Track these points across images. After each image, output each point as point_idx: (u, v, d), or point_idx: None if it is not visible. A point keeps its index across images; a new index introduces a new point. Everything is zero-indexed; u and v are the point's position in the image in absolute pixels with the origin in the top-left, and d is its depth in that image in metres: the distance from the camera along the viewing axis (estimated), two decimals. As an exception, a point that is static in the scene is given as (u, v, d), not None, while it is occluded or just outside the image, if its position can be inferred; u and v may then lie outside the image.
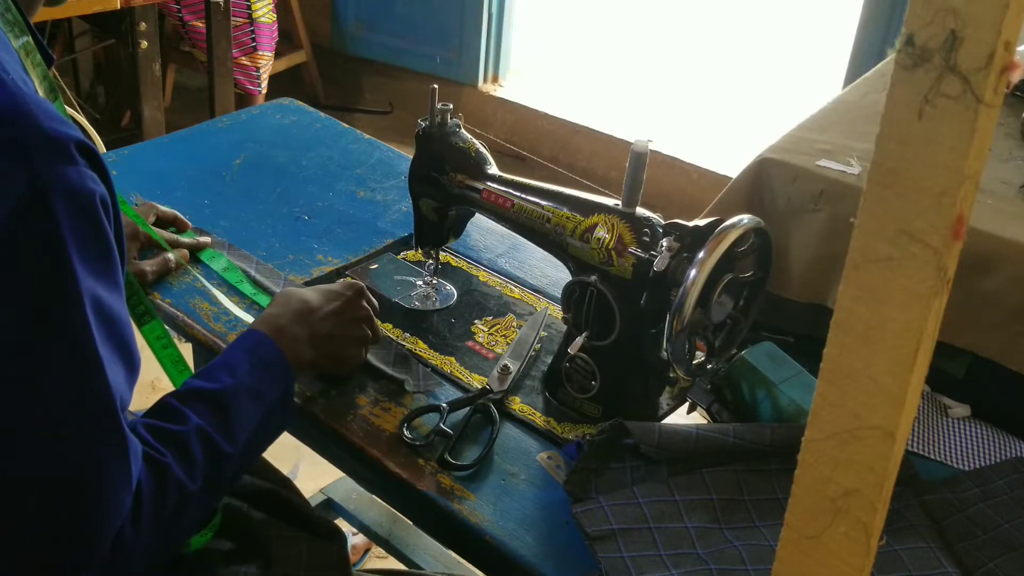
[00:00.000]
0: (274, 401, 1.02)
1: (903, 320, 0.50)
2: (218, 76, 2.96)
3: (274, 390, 1.02)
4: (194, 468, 0.91)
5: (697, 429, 1.08)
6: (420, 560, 1.77)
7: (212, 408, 0.96)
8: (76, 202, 0.79)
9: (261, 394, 1.00)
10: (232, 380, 0.99)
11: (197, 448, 0.92)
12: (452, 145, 1.25)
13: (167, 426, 0.92)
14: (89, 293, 0.80)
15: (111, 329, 0.83)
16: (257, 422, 0.99)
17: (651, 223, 1.10)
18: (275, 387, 1.02)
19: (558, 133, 3.65)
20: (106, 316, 0.83)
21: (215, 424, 0.95)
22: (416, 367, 1.21)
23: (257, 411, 0.99)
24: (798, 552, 0.59)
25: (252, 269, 1.35)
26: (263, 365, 1.03)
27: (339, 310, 1.14)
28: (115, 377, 0.83)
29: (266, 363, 1.03)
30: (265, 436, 1.03)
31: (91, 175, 0.80)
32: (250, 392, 0.99)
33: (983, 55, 0.45)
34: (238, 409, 0.97)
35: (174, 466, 0.89)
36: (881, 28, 2.93)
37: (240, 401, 0.98)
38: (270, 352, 1.04)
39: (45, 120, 0.78)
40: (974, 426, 1.24)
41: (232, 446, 0.95)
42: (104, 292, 0.82)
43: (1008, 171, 1.65)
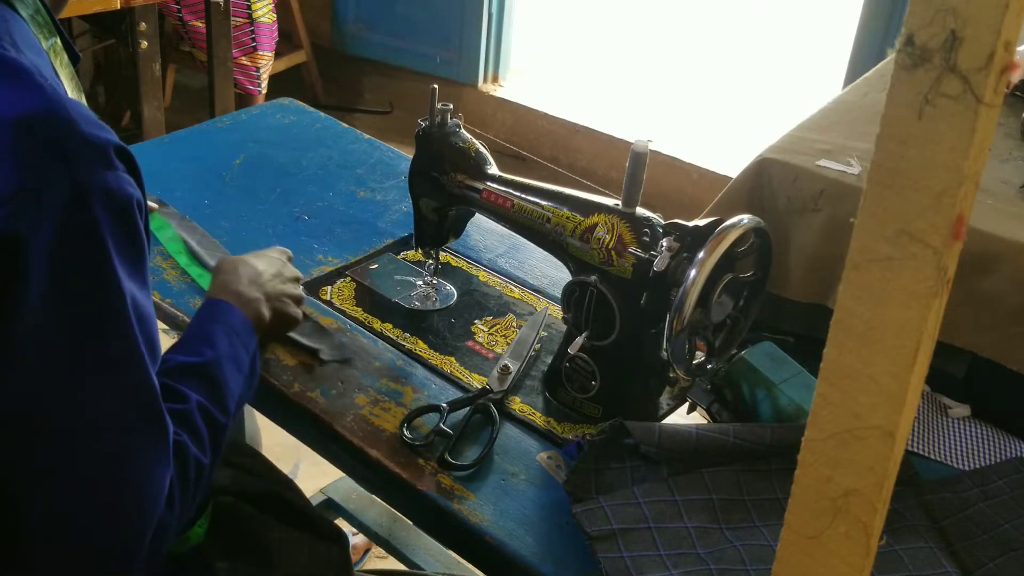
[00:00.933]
0: (248, 365, 1.06)
1: (903, 320, 0.50)
2: (218, 76, 2.96)
3: (246, 355, 1.06)
4: (203, 443, 0.94)
5: (697, 429, 1.08)
6: (420, 560, 1.77)
7: (203, 382, 0.98)
8: (116, 206, 0.81)
9: (239, 360, 1.04)
10: (212, 352, 1.02)
11: (201, 423, 0.95)
12: (452, 145, 1.25)
13: (173, 406, 0.94)
14: (129, 294, 0.83)
15: (143, 326, 0.86)
16: (240, 389, 1.03)
17: (651, 223, 1.10)
18: (247, 352, 1.06)
19: (558, 133, 3.65)
20: (140, 314, 0.85)
21: (210, 397, 0.97)
22: (331, 336, 1.25)
23: (238, 379, 1.03)
24: (798, 552, 0.59)
25: (195, 241, 1.37)
26: (234, 332, 1.06)
27: (279, 271, 1.21)
28: (151, 370, 0.86)
29: (236, 330, 1.07)
30: (245, 400, 1.07)
31: (128, 179, 0.82)
32: (230, 360, 1.03)
33: (983, 55, 0.45)
34: (224, 379, 1.00)
35: (190, 444, 0.92)
36: (881, 28, 2.92)
37: (224, 371, 1.01)
38: (237, 319, 1.09)
39: (84, 125, 0.79)
40: (974, 426, 1.24)
41: (226, 416, 0.98)
42: (138, 291, 0.85)
43: (1008, 171, 1.65)
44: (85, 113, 0.81)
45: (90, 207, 0.78)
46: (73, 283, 0.79)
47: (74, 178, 0.77)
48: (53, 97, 0.79)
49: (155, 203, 1.42)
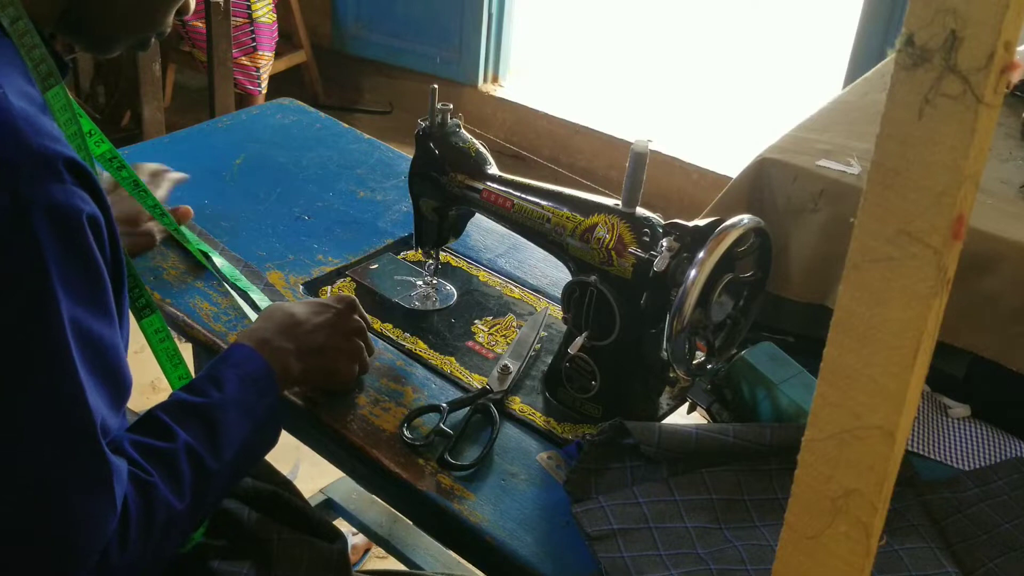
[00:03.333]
0: (261, 416, 1.00)
1: (903, 320, 0.50)
2: (218, 76, 2.96)
3: (261, 404, 1.00)
4: (181, 486, 0.89)
5: (697, 429, 1.08)
6: (420, 560, 1.77)
7: (199, 423, 0.94)
8: (60, 220, 0.76)
9: (249, 408, 0.98)
10: (219, 394, 0.97)
11: (185, 465, 0.90)
12: (452, 145, 1.25)
13: (155, 443, 0.90)
14: (70, 316, 0.78)
15: (96, 354, 0.82)
16: (244, 437, 0.97)
17: (651, 223, 1.10)
18: (262, 401, 1.00)
19: (558, 133, 3.65)
20: (90, 340, 0.81)
21: (203, 440, 0.92)
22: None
23: (244, 426, 0.97)
24: (798, 552, 0.59)
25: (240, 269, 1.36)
26: (250, 379, 1.00)
27: (328, 322, 1.12)
28: (97, 402, 0.82)
29: (253, 377, 1.01)
30: (253, 451, 1.01)
31: (80, 194, 0.78)
32: (237, 406, 0.97)
33: (983, 55, 0.45)
34: (225, 424, 0.95)
35: (161, 485, 0.87)
36: (881, 28, 2.93)
37: (227, 416, 0.96)
38: (257, 365, 1.02)
39: (33, 136, 0.76)
40: (974, 426, 1.24)
41: (218, 462, 0.93)
42: (88, 316, 0.81)
43: (1008, 171, 1.65)
44: (37, 124, 0.78)
45: (31, 222, 0.74)
46: (2, 302, 0.75)
47: (17, 188, 0.74)
48: (3, 107, 0.76)
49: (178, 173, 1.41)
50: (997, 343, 1.45)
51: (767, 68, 4.23)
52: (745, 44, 4.43)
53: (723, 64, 4.24)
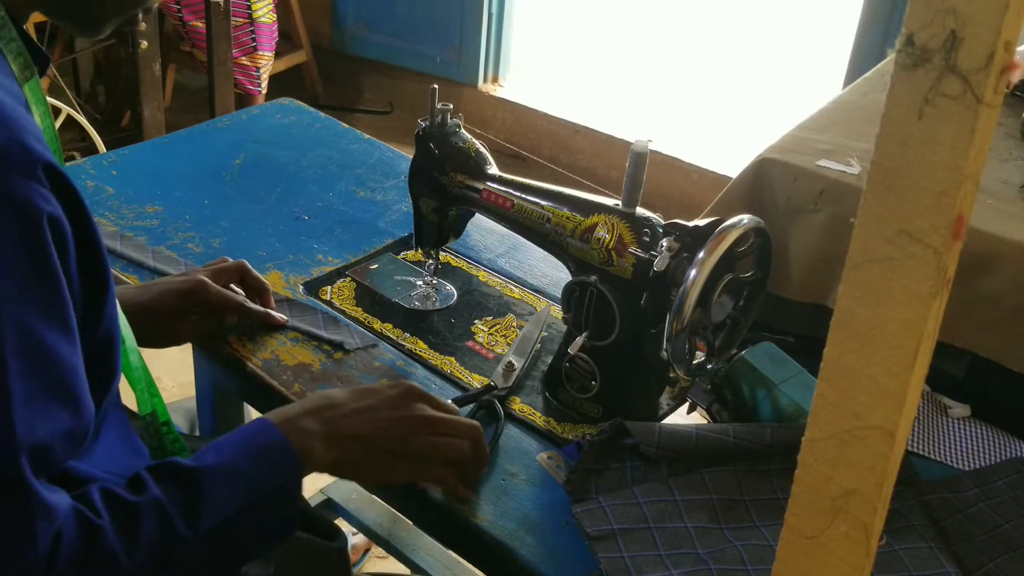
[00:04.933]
0: (265, 494, 0.89)
1: (903, 320, 0.50)
2: (218, 76, 2.96)
3: (269, 480, 0.89)
4: (136, 542, 0.81)
5: (697, 429, 1.08)
6: (420, 560, 1.77)
7: (179, 484, 0.85)
8: (16, 217, 0.73)
9: (248, 480, 0.88)
10: (215, 460, 0.88)
11: (147, 521, 0.82)
12: (452, 145, 1.25)
13: (121, 493, 0.84)
14: (15, 318, 0.73)
15: (43, 366, 0.76)
16: (235, 509, 0.86)
17: (651, 223, 1.10)
18: (271, 477, 0.90)
19: (558, 133, 3.65)
20: (37, 350, 0.75)
21: (177, 501, 0.84)
22: (347, 326, 1.24)
23: (237, 497, 0.87)
24: (798, 552, 0.59)
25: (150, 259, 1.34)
26: (258, 450, 0.91)
27: (371, 407, 0.97)
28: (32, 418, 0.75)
29: (262, 448, 0.91)
30: (250, 531, 0.89)
31: (44, 194, 0.75)
32: (233, 475, 0.88)
33: (983, 55, 0.45)
34: (211, 490, 0.85)
35: (109, 532, 0.80)
36: (881, 28, 2.93)
37: (216, 482, 0.86)
38: (270, 437, 0.92)
39: (15, 131, 0.74)
40: (974, 426, 1.24)
41: (192, 530, 0.83)
42: (40, 324, 0.75)
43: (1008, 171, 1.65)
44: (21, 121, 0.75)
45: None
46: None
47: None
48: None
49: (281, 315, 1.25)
50: (997, 343, 1.45)
51: (767, 68, 4.23)
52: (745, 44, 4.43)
53: (723, 64, 4.24)
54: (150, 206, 1.47)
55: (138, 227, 1.42)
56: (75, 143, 3.19)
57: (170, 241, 1.40)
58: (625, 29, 4.55)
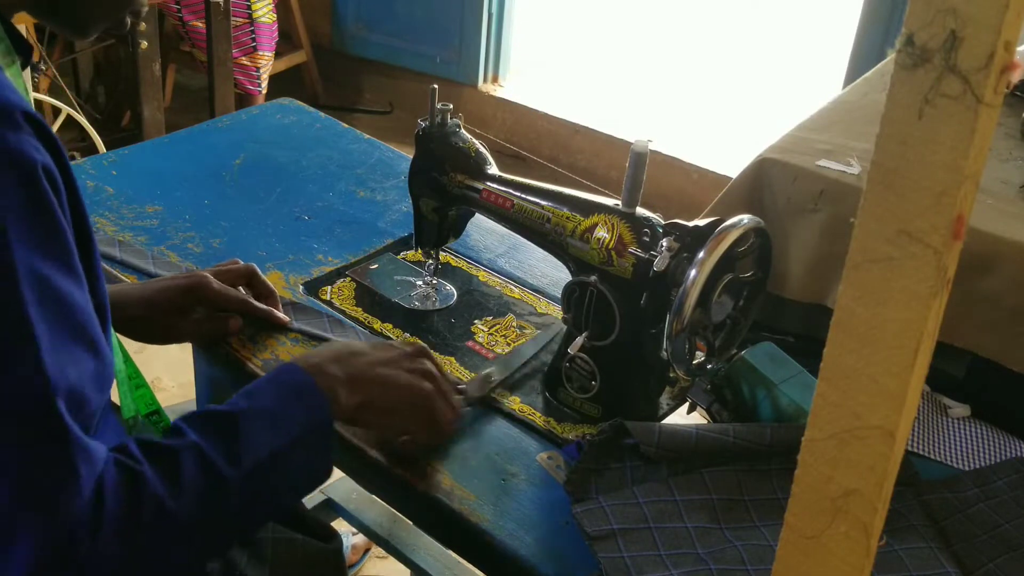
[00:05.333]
0: (301, 432, 0.90)
1: (903, 320, 0.50)
2: (218, 76, 2.96)
3: (305, 420, 0.91)
4: (179, 484, 0.81)
5: (697, 429, 1.08)
6: (420, 560, 1.77)
7: (216, 427, 0.86)
8: (13, 167, 0.74)
9: (282, 420, 0.90)
10: (247, 404, 0.90)
11: (187, 464, 0.82)
12: (452, 145, 1.25)
13: (158, 440, 0.84)
14: (27, 265, 0.73)
15: (61, 312, 0.76)
16: (273, 449, 0.87)
17: (651, 223, 1.10)
18: (307, 417, 0.91)
19: (558, 133, 3.65)
20: (54, 297, 0.75)
21: (216, 443, 0.85)
22: (352, 328, 1.24)
23: (274, 438, 0.88)
24: (798, 552, 0.59)
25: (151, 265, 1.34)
26: (288, 390, 0.92)
27: (391, 360, 1.02)
28: (62, 364, 0.76)
29: (293, 389, 0.93)
30: (290, 470, 0.90)
31: (34, 143, 0.76)
32: (267, 416, 0.89)
33: (983, 55, 0.45)
34: (248, 431, 0.87)
35: (150, 476, 0.80)
36: (881, 28, 2.93)
37: (252, 424, 0.87)
38: (298, 379, 0.94)
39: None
40: (974, 426, 1.24)
41: (234, 469, 0.84)
42: (52, 271, 0.76)
43: (1008, 171, 1.65)
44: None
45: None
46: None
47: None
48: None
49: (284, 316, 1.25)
50: (997, 343, 1.45)
51: (767, 68, 4.23)
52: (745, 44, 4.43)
53: (723, 64, 4.24)
54: (150, 206, 1.47)
55: (138, 227, 1.42)
56: (75, 143, 3.19)
57: (170, 241, 1.40)
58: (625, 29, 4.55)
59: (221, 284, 1.19)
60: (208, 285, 1.17)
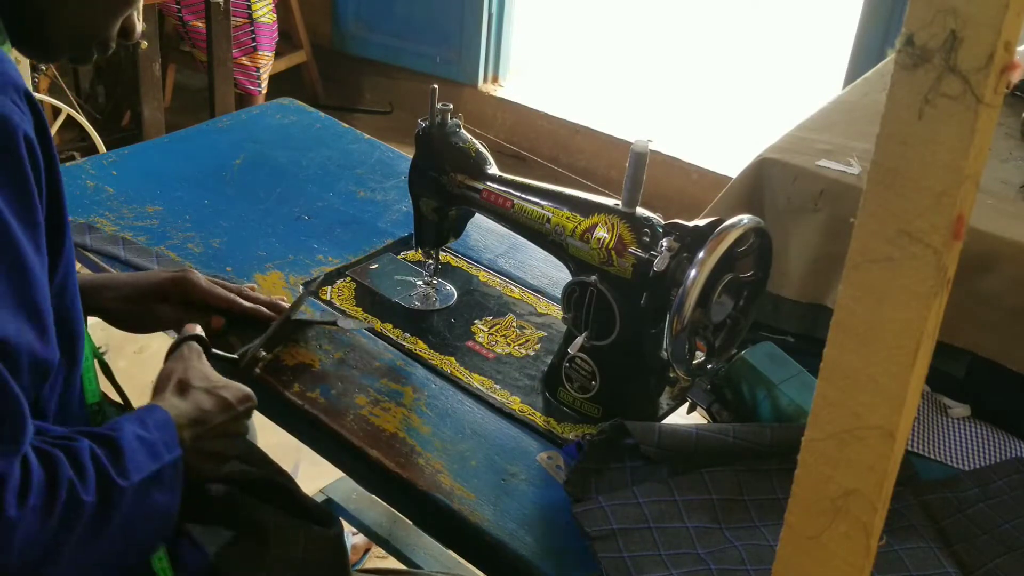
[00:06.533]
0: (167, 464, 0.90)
1: (903, 320, 0.50)
2: (218, 76, 2.96)
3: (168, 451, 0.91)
4: (86, 477, 0.81)
5: (697, 429, 1.08)
6: (420, 560, 1.77)
7: (101, 441, 0.86)
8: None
9: (154, 448, 0.89)
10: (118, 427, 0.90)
11: (88, 461, 0.82)
12: (452, 145, 1.25)
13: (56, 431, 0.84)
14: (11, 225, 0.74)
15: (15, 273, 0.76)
16: (151, 472, 0.88)
17: (651, 223, 1.10)
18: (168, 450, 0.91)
19: (558, 133, 3.65)
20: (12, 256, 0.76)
21: (105, 453, 0.85)
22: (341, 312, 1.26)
23: (150, 462, 0.88)
24: (798, 552, 0.59)
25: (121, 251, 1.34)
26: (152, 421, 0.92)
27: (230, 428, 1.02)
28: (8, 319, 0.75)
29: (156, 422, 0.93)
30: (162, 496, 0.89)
31: (20, 112, 0.77)
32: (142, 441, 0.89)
33: (983, 55, 0.45)
34: (129, 450, 0.87)
35: (65, 464, 0.80)
36: (881, 28, 2.93)
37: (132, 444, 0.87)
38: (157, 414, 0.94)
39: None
40: (974, 426, 1.24)
41: (125, 480, 0.84)
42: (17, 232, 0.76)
43: (1008, 171, 1.65)
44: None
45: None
46: None
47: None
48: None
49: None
50: (997, 343, 1.45)
51: (767, 68, 4.23)
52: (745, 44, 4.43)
53: (723, 64, 4.24)
54: (150, 206, 1.47)
55: (138, 227, 1.42)
56: (75, 143, 3.19)
57: (170, 241, 1.40)
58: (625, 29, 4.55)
59: (208, 281, 1.21)
60: (195, 280, 1.20)
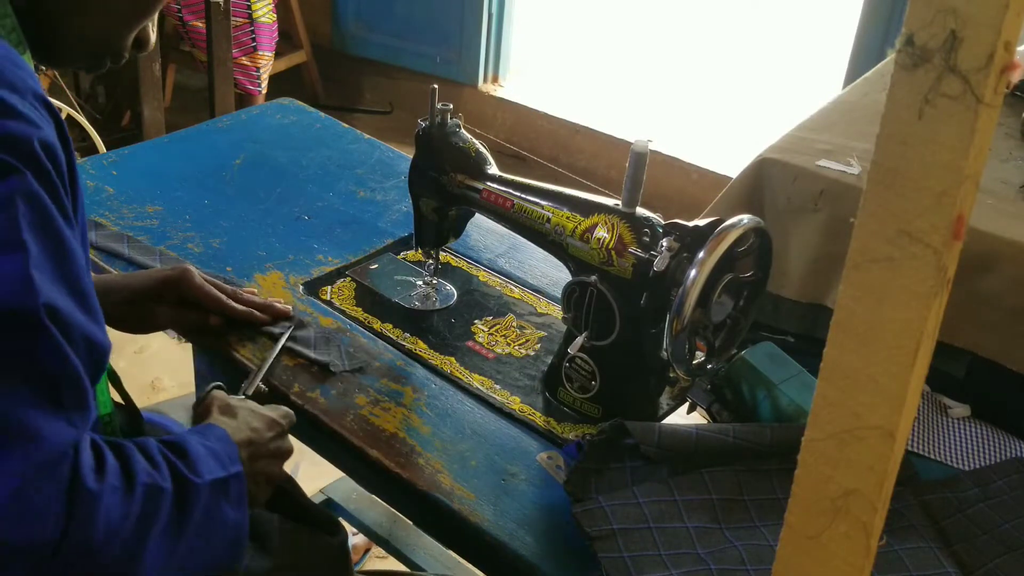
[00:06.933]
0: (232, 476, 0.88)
1: (903, 320, 0.50)
2: (218, 76, 2.96)
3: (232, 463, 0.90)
4: (159, 468, 0.80)
5: (697, 429, 1.08)
6: (420, 560, 1.77)
7: (165, 443, 0.85)
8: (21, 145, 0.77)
9: (219, 456, 0.89)
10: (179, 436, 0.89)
11: (158, 455, 0.82)
12: (452, 145, 1.25)
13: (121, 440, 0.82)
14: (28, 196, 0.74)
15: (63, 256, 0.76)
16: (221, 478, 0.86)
17: (651, 223, 1.10)
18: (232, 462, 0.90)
19: (558, 133, 3.65)
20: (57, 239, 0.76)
21: (173, 452, 0.84)
22: (337, 346, 1.21)
23: (218, 468, 0.87)
24: (798, 552, 0.59)
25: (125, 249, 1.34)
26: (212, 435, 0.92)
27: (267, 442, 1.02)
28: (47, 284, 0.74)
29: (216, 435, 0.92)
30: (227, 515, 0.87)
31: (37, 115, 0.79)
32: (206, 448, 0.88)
33: (983, 55, 0.45)
34: (196, 453, 0.86)
35: (136, 453, 0.79)
36: (881, 28, 2.92)
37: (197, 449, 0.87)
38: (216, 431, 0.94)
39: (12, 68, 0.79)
40: (974, 426, 1.24)
41: (198, 477, 0.83)
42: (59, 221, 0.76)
43: (1008, 171, 1.65)
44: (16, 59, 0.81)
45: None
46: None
47: None
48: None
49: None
50: (997, 343, 1.45)
51: (767, 68, 4.23)
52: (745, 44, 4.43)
53: (723, 64, 4.24)
54: (150, 206, 1.47)
55: (138, 227, 1.42)
56: (75, 143, 3.19)
57: (170, 241, 1.40)
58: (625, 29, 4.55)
59: (203, 281, 1.21)
60: (190, 279, 1.19)
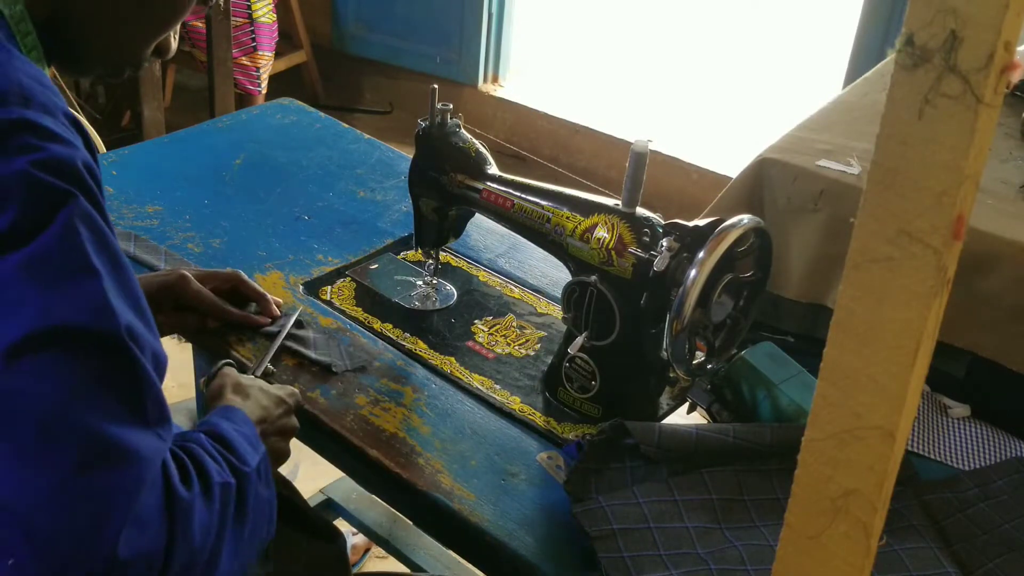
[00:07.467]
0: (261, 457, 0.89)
1: (903, 320, 0.50)
2: (218, 76, 2.96)
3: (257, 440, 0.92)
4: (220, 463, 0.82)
5: (697, 429, 1.08)
6: (420, 560, 1.77)
7: (209, 434, 0.86)
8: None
9: (250, 440, 0.90)
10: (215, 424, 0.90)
11: (212, 450, 0.83)
12: (452, 145, 1.25)
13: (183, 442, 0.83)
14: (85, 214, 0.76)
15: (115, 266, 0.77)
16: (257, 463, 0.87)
17: (651, 223, 1.10)
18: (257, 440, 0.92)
19: (558, 133, 3.65)
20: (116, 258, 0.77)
21: (220, 443, 0.85)
22: (338, 346, 1.21)
23: (253, 453, 0.88)
24: (798, 552, 0.59)
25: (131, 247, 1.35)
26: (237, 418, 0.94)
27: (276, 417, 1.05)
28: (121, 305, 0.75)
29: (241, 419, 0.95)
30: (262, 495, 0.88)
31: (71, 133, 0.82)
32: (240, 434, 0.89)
33: (983, 55, 0.45)
34: (235, 441, 0.87)
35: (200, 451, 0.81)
36: (881, 28, 2.92)
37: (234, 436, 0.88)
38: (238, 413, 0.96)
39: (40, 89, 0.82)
40: (974, 426, 1.24)
41: (245, 466, 0.84)
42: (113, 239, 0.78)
43: (1008, 171, 1.65)
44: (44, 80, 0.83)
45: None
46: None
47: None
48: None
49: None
50: (997, 343, 1.45)
51: (767, 68, 4.23)
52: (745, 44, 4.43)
53: (723, 64, 4.24)
54: (150, 206, 1.47)
55: (138, 227, 1.42)
56: (75, 143, 3.19)
57: (170, 241, 1.40)
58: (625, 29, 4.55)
59: (199, 285, 1.20)
60: (185, 283, 1.19)
